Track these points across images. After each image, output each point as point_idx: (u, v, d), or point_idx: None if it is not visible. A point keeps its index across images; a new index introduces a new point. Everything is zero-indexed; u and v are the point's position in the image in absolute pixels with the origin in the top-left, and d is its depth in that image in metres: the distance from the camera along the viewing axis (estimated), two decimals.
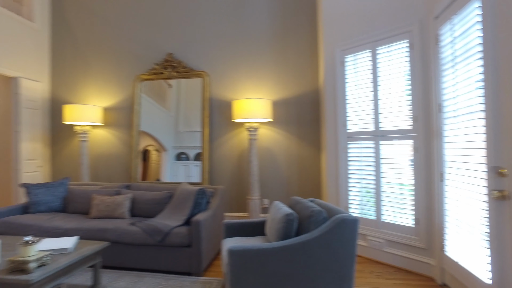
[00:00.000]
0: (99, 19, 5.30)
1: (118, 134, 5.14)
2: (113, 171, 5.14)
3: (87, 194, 3.66)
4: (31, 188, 3.63)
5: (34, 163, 5.07)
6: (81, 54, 5.37)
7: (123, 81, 5.17)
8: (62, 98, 5.44)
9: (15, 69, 4.88)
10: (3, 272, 1.92)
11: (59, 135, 5.43)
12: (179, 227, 3.03)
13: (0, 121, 5.33)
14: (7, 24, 4.78)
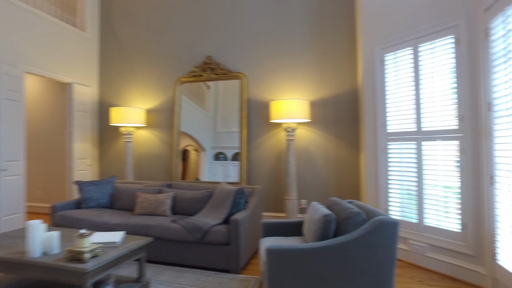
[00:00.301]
0: (142, 26, 5.57)
1: (160, 135, 5.37)
2: (155, 170, 5.37)
3: (132, 192, 3.86)
4: (83, 185, 3.90)
5: (85, 162, 5.43)
6: (126, 59, 5.68)
7: (164, 84, 5.39)
8: (108, 101, 5.78)
9: (69, 75, 5.26)
10: (63, 260, 2.10)
11: (106, 136, 5.77)
12: (218, 225, 3.11)
13: (57, 123, 5.77)
14: (63, 35, 5.17)
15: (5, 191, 4.24)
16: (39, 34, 4.81)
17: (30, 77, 6.04)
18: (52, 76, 4.99)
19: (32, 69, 4.69)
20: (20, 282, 2.61)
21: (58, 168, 5.77)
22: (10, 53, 4.43)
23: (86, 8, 5.65)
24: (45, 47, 4.89)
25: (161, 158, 5.35)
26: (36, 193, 5.92)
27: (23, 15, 4.59)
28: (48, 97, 5.83)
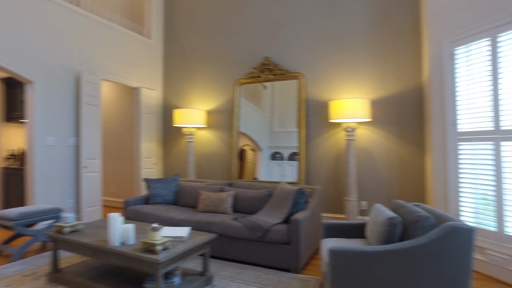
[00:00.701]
0: (203, 31, 5.81)
1: (219, 135, 5.57)
2: (215, 169, 5.58)
3: (195, 190, 4.06)
4: (151, 182, 4.19)
5: (150, 160, 5.82)
6: (187, 63, 5.97)
7: (224, 86, 5.58)
8: (172, 103, 6.13)
9: (137, 80, 5.69)
10: (138, 250, 2.29)
11: (170, 136, 6.13)
12: (278, 224, 3.15)
13: (127, 125, 6.27)
14: (132, 43, 5.61)
15: (85, 186, 4.71)
16: (113, 44, 5.26)
17: (105, 83, 6.63)
18: (123, 81, 5.43)
19: (107, 76, 5.15)
20: (103, 266, 2.90)
21: (127, 166, 6.26)
22: (90, 63, 4.90)
23: (152, 17, 6.06)
24: (117, 56, 5.34)
25: (221, 157, 5.54)
26: (109, 188, 6.48)
27: (100, 28, 5.06)
28: (119, 101, 6.35)
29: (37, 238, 3.55)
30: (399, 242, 2.09)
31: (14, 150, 5.53)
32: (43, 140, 4.33)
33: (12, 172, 5.25)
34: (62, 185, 4.55)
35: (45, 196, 4.34)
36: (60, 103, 4.52)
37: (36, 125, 4.25)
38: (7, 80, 5.38)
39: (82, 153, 4.66)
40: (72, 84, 4.67)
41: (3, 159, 5.40)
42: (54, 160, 4.45)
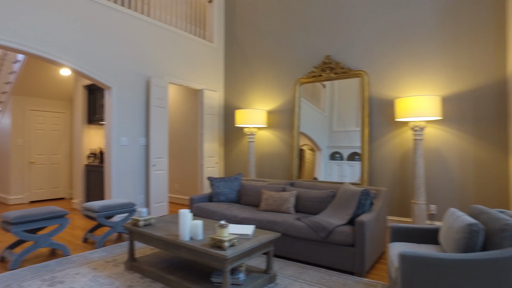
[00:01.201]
0: (263, 32, 5.89)
1: (280, 135, 5.60)
2: (275, 169, 5.63)
3: (257, 189, 4.14)
4: (214, 181, 4.35)
5: (213, 160, 6.04)
6: (248, 64, 6.10)
7: (284, 86, 5.59)
8: (233, 104, 6.30)
9: (200, 83, 5.95)
10: (207, 246, 2.40)
11: (231, 136, 6.31)
12: (342, 226, 3.08)
13: (190, 125, 6.58)
14: (195, 48, 5.88)
15: (154, 183, 5.05)
16: (178, 49, 5.57)
17: (171, 86, 7.03)
18: (188, 84, 5.71)
19: (174, 80, 5.47)
20: (172, 258, 3.09)
21: (191, 165, 6.57)
22: (158, 67, 5.24)
23: (213, 21, 6.29)
24: (182, 60, 5.63)
25: (281, 157, 5.57)
26: (173, 186, 6.87)
27: (167, 34, 5.39)
28: (184, 103, 6.70)
29: (114, 229, 3.89)
30: (482, 252, 1.92)
31: (94, 149, 6.12)
32: (118, 140, 4.73)
33: (92, 169, 5.82)
34: (134, 181, 4.92)
35: (120, 191, 4.74)
36: (132, 106, 4.90)
37: (112, 126, 4.65)
38: (89, 86, 5.97)
39: (151, 152, 5.00)
40: (143, 88, 5.04)
41: (85, 157, 6.00)
42: (127, 159, 4.83)
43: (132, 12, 4.89)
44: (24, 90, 6.51)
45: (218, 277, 2.59)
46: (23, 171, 6.64)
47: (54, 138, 7.12)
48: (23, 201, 6.65)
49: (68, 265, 3.16)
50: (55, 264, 3.20)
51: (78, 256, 3.41)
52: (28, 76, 6.22)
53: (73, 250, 3.62)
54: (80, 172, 5.97)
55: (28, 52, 3.84)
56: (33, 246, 3.25)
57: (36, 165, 6.83)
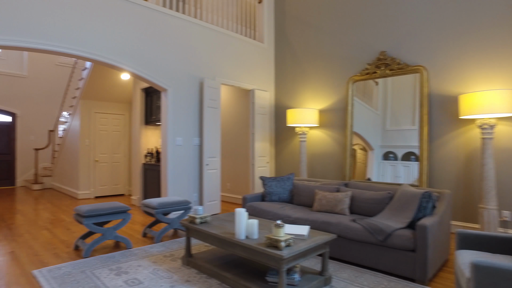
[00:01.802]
0: (314, 30, 5.80)
1: (332, 134, 5.47)
2: (327, 169, 5.51)
3: (310, 189, 4.08)
4: (267, 180, 4.37)
5: (264, 159, 6.07)
6: (298, 63, 6.04)
7: (336, 84, 5.46)
8: (283, 103, 6.28)
9: (251, 83, 6.01)
10: (263, 245, 2.41)
11: (281, 136, 6.29)
12: (402, 229, 2.93)
13: (241, 125, 6.69)
14: (246, 48, 5.95)
15: (207, 182, 5.19)
16: (229, 50, 5.68)
17: (223, 86, 7.19)
18: (239, 84, 5.80)
19: (225, 81, 5.58)
20: (227, 256, 3.15)
21: (242, 164, 6.66)
22: (211, 69, 5.39)
23: (263, 21, 6.32)
24: (233, 60, 5.73)
25: (333, 157, 5.44)
26: (225, 185, 7.02)
27: (218, 36, 5.52)
28: (235, 103, 6.81)
29: (171, 226, 4.06)
30: None
31: (151, 149, 6.45)
32: (174, 140, 4.94)
33: (149, 168, 6.14)
34: (188, 180, 5.11)
35: (175, 189, 4.94)
36: (187, 107, 5.09)
37: (168, 127, 4.87)
38: (146, 89, 6.31)
39: (205, 152, 5.15)
40: (197, 89, 5.21)
41: (143, 157, 6.35)
42: (182, 158, 5.03)
43: (185, 17, 5.08)
44: (90, 94, 7.06)
45: (273, 276, 2.59)
46: (89, 169, 7.20)
47: (115, 138, 7.63)
48: (89, 196, 7.21)
49: (131, 257, 3.35)
50: (119, 255, 3.41)
51: (139, 250, 3.61)
52: (93, 81, 6.74)
53: (134, 244, 3.84)
54: (138, 170, 6.33)
55: (94, 59, 4.16)
56: (101, 238, 3.50)
57: (100, 164, 7.36)
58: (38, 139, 9.87)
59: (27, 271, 3.02)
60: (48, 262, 3.24)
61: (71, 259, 3.31)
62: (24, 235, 4.22)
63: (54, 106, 10.16)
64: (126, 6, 4.44)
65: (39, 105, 9.90)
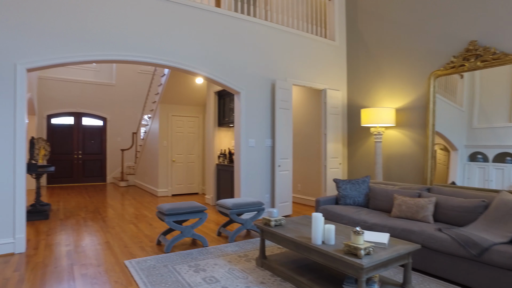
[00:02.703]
0: (389, 24, 5.44)
1: (410, 134, 5.08)
2: (405, 171, 5.14)
3: (388, 194, 3.83)
4: (340, 183, 4.22)
5: (336, 160, 5.89)
6: (372, 60, 5.73)
7: (415, 80, 5.06)
8: (357, 103, 6.02)
9: (323, 82, 5.87)
10: (340, 252, 2.32)
11: (355, 136, 6.03)
12: (502, 244, 2.58)
13: (313, 125, 6.58)
14: (317, 47, 5.83)
15: (279, 183, 5.20)
16: (300, 50, 5.61)
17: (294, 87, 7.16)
18: (310, 84, 5.71)
19: (297, 81, 5.53)
20: (301, 260, 3.11)
21: (313, 165, 6.55)
22: (282, 70, 5.39)
23: (334, 19, 6.12)
24: (304, 60, 5.65)
25: (412, 158, 5.05)
26: (296, 186, 6.96)
27: (287, 37, 5.49)
28: (306, 103, 6.72)
29: (244, 226, 4.14)
30: None
31: (224, 150, 6.68)
32: (247, 142, 5.03)
33: (222, 168, 6.36)
34: (261, 181, 5.17)
35: (247, 190, 5.04)
36: (259, 109, 5.16)
37: (241, 129, 4.98)
38: (219, 92, 6.56)
39: (277, 153, 5.16)
40: (268, 91, 5.25)
41: (216, 157, 6.61)
42: (254, 159, 5.10)
43: (256, 20, 5.15)
44: (168, 98, 7.57)
45: (351, 285, 2.48)
46: (167, 168, 7.72)
47: (190, 139, 8.07)
48: (167, 194, 7.73)
49: (207, 255, 3.50)
50: (197, 253, 3.58)
51: (215, 248, 3.75)
52: (171, 87, 7.21)
53: (209, 242, 4.00)
54: (212, 170, 6.60)
55: (172, 66, 4.43)
56: (180, 235, 3.71)
57: (176, 163, 7.85)
58: (124, 140, 10.90)
59: (120, 260, 3.34)
60: (136, 254, 3.54)
61: (154, 253, 3.57)
62: (115, 227, 4.68)
63: (137, 110, 11.13)
64: (200, 14, 4.65)
65: (125, 110, 10.92)
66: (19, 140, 3.52)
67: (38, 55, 3.63)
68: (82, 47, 3.85)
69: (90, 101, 10.34)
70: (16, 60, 3.53)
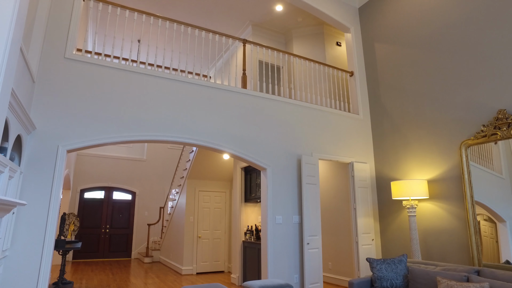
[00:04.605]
0: (411, 95, 5.54)
1: (447, 207, 4.79)
2: (446, 249, 4.73)
3: (430, 276, 3.48)
4: (375, 263, 3.91)
5: (368, 236, 5.55)
6: (398, 131, 5.72)
7: (445, 151, 4.93)
8: (385, 175, 5.87)
9: (349, 155, 5.85)
10: None
11: (386, 210, 5.76)
12: None
13: (341, 200, 6.39)
14: (341, 122, 5.95)
15: (308, 262, 4.90)
16: (324, 125, 5.73)
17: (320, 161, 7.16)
18: (336, 158, 5.69)
19: (323, 155, 5.54)
20: None
21: (344, 241, 6.20)
22: (307, 145, 5.46)
23: (357, 93, 6.33)
24: (329, 135, 5.73)
25: (452, 233, 4.68)
26: (326, 264, 6.52)
27: (312, 113, 5.66)
28: (333, 177, 6.63)
29: None
30: None
31: (251, 226, 6.52)
32: (274, 219, 4.91)
33: (248, 245, 6.13)
34: (288, 260, 4.89)
35: (275, 269, 4.76)
36: (285, 184, 5.12)
37: (268, 205, 4.90)
38: (245, 168, 6.64)
39: (305, 230, 4.96)
40: (294, 166, 5.26)
41: (243, 234, 6.43)
42: (282, 237, 4.91)
43: (279, 98, 5.40)
44: (195, 174, 7.72)
45: None
46: (192, 245, 7.54)
47: (216, 215, 7.98)
48: (191, 272, 7.42)
49: None
50: None
51: None
52: (198, 163, 7.40)
53: None
54: (238, 248, 6.36)
55: (199, 145, 4.60)
56: None
57: (202, 240, 7.67)
58: (151, 215, 10.94)
59: None
60: None
61: None
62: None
63: (165, 184, 11.35)
64: (226, 96, 4.95)
65: (154, 184, 11.17)
66: (51, 217, 3.61)
67: (77, 138, 3.90)
68: (116, 129, 4.12)
69: (121, 175, 10.71)
70: (58, 142, 3.80)
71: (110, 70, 4.26)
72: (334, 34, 7.78)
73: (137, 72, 4.40)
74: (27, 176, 3.62)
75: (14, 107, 2.88)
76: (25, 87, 3.40)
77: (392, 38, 6.08)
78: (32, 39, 3.82)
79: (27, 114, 3.25)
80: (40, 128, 3.77)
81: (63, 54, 4.06)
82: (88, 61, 4.16)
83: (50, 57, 3.99)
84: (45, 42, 3.99)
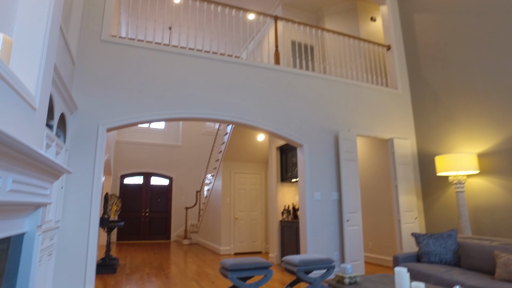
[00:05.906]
0: (456, 64, 5.16)
1: (500, 182, 4.47)
2: (499, 226, 4.43)
3: (486, 250, 3.26)
4: (421, 238, 3.73)
5: (411, 214, 5.33)
6: (442, 104, 5.38)
7: (498, 121, 4.57)
8: (427, 150, 5.57)
9: (388, 132, 5.60)
10: None
11: (430, 187, 5.48)
12: None
13: (381, 177, 6.17)
14: (379, 97, 5.69)
15: (349, 239, 4.78)
16: (362, 100, 5.50)
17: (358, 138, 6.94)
18: (375, 134, 5.46)
19: (361, 131, 5.35)
20: None
21: (385, 220, 5.99)
22: (345, 121, 5.28)
23: (395, 67, 6.01)
24: (367, 110, 5.50)
25: (506, 209, 4.37)
26: (367, 244, 6.36)
27: (348, 88, 5.45)
28: (372, 154, 6.40)
29: (313, 286, 3.76)
30: None
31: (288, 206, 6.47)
32: (312, 196, 4.82)
33: (286, 225, 6.10)
34: (328, 237, 4.81)
35: (314, 246, 4.69)
36: (322, 161, 5.00)
37: (306, 182, 4.81)
38: (281, 148, 6.57)
39: (344, 207, 4.83)
40: (331, 143, 5.11)
41: (280, 214, 6.40)
42: (320, 214, 4.82)
43: (313, 74, 5.24)
44: (230, 156, 7.75)
45: None
46: (229, 226, 7.63)
47: (252, 196, 8.00)
48: (229, 252, 7.54)
49: None
50: None
51: None
52: (233, 144, 7.42)
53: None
54: (276, 227, 6.35)
55: (236, 122, 4.57)
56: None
57: (239, 221, 7.74)
58: (188, 199, 11.21)
59: None
60: None
61: None
62: (177, 284, 4.57)
63: (201, 169, 11.56)
64: (260, 72, 4.87)
65: (189, 169, 11.41)
66: (95, 194, 3.75)
67: (116, 117, 4.00)
68: (153, 108, 4.18)
69: (158, 161, 11.02)
70: (98, 121, 3.92)
71: (145, 51, 4.31)
72: (368, 9, 7.40)
73: (172, 52, 4.42)
74: (71, 154, 3.77)
75: (57, 84, 2.98)
76: (66, 68, 3.51)
77: (434, 6, 5.68)
78: (70, 23, 3.93)
79: (69, 92, 3.36)
80: (81, 108, 3.90)
81: (99, 37, 4.15)
82: (124, 43, 4.23)
83: (88, 40, 4.09)
84: (82, 26, 4.09)
